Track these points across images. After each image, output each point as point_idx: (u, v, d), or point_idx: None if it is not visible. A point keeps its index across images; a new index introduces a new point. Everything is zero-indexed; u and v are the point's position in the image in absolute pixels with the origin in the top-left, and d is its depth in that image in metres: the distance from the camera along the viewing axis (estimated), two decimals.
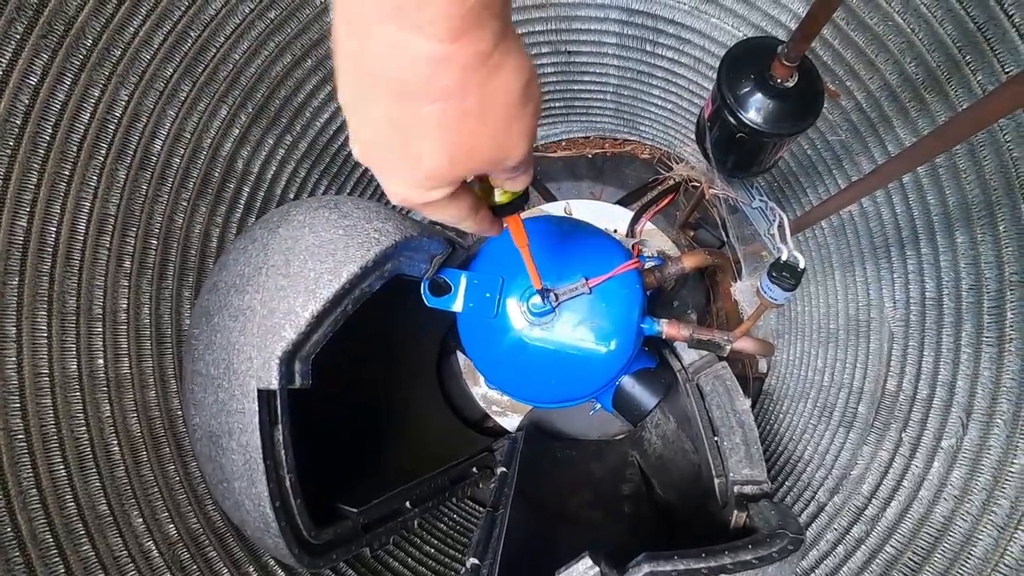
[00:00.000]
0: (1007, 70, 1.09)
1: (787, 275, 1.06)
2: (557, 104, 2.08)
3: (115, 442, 1.21)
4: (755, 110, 1.09)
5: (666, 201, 2.09)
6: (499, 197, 0.71)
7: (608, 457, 1.78)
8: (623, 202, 2.16)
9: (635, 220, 2.06)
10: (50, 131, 1.12)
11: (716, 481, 1.21)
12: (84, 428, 1.18)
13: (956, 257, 1.23)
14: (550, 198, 2.20)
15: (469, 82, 0.45)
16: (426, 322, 1.21)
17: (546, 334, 1.24)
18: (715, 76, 1.11)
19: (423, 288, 1.20)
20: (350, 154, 1.80)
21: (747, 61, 1.11)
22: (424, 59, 0.43)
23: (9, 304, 1.10)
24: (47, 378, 1.14)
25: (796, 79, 1.08)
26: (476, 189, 0.70)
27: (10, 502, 1.05)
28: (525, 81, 0.48)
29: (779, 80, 1.08)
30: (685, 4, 1.56)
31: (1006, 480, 1.08)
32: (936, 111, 1.23)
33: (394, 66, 0.44)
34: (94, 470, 1.17)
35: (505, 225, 0.77)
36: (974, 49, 1.14)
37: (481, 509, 1.86)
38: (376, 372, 1.76)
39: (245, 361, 1.03)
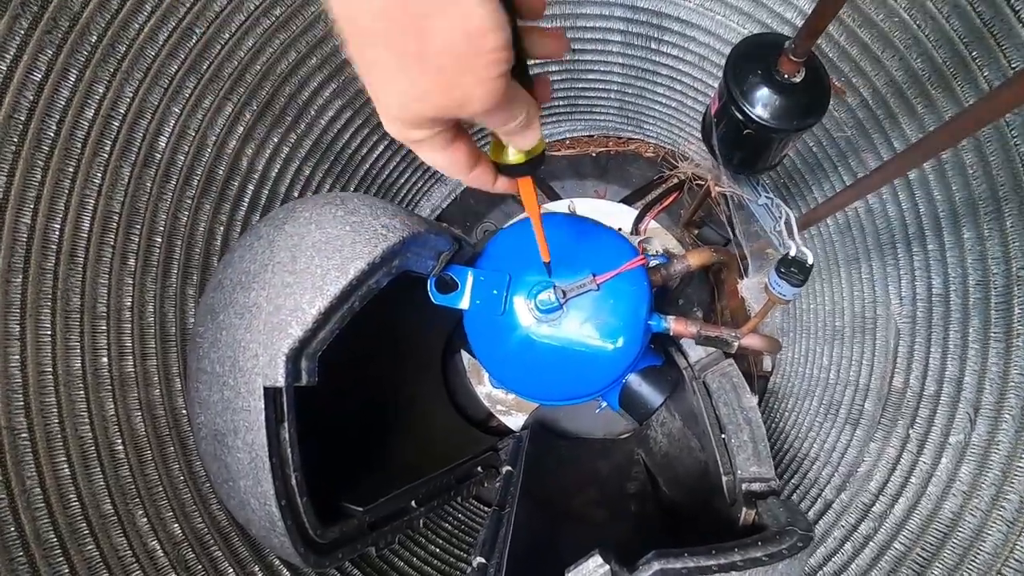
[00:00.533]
0: (1014, 65, 1.09)
1: (795, 271, 1.06)
2: (561, 103, 2.08)
3: (119, 441, 1.21)
4: (762, 106, 1.09)
5: (670, 199, 2.08)
6: (512, 157, 0.70)
7: (614, 455, 1.78)
8: (627, 200, 2.16)
9: (639, 218, 2.06)
10: (54, 128, 1.12)
11: (724, 479, 1.20)
12: (88, 426, 1.17)
13: (963, 253, 1.23)
14: (554, 196, 2.20)
15: (408, 26, 0.46)
16: (431, 320, 1.21)
17: (553, 331, 1.24)
18: (721, 73, 1.11)
19: (430, 285, 1.19)
20: (355, 151, 1.81)
21: (754, 57, 1.10)
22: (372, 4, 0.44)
23: (13, 302, 1.09)
24: (51, 376, 1.14)
25: (803, 75, 1.08)
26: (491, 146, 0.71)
27: (14, 501, 1.04)
28: (474, 27, 0.46)
29: (786, 76, 1.08)
30: (690, 2, 1.56)
31: (1015, 475, 1.07)
32: (943, 107, 1.22)
33: (349, 8, 0.46)
34: (98, 469, 1.16)
35: (507, 188, 0.76)
36: (981, 45, 1.13)
37: (486, 508, 1.85)
38: (381, 370, 1.76)
39: (251, 359, 1.02)
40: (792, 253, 1.07)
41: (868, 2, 1.28)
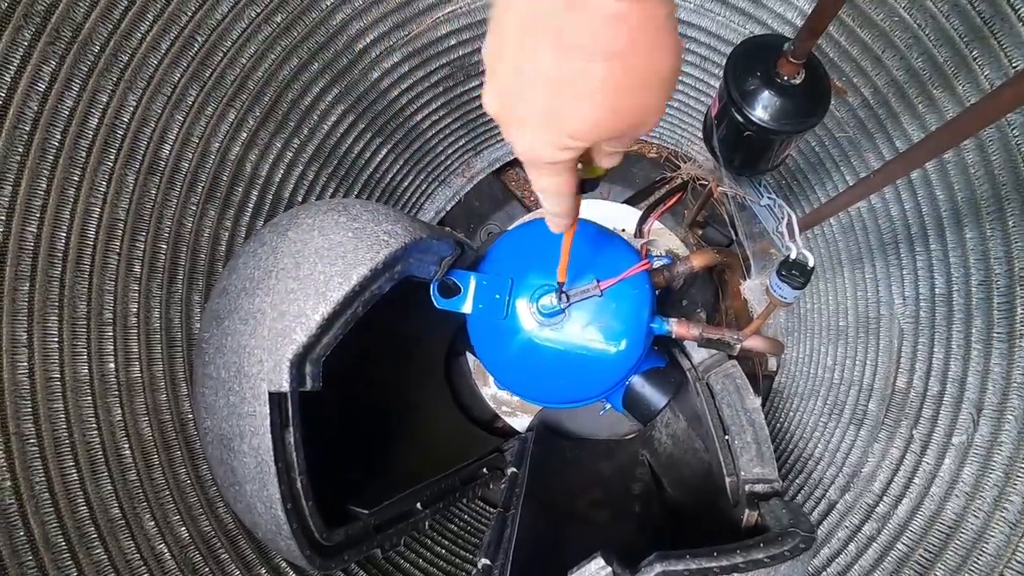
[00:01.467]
0: (1015, 64, 1.09)
1: (796, 273, 1.06)
2: None
3: (127, 446, 1.22)
4: (762, 107, 1.09)
5: (673, 200, 2.08)
6: (590, 174, 0.72)
7: (618, 456, 1.78)
8: (631, 201, 2.16)
9: (643, 219, 2.06)
10: (59, 137, 1.13)
11: (727, 480, 1.21)
12: (96, 432, 1.18)
13: (965, 253, 1.23)
14: None
15: (639, 43, 0.46)
16: (435, 323, 1.22)
17: (556, 334, 1.24)
18: (722, 74, 1.11)
19: (433, 290, 1.20)
20: (358, 156, 1.81)
21: (754, 58, 1.11)
22: (602, 15, 0.44)
23: (20, 309, 1.10)
24: (58, 383, 1.15)
25: (803, 76, 1.08)
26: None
27: (23, 506, 1.05)
28: (680, 53, 0.49)
29: (786, 77, 1.08)
30: (691, 2, 1.56)
31: (1017, 476, 1.07)
32: (944, 107, 1.22)
33: (569, 18, 0.45)
34: (106, 474, 1.18)
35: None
36: (981, 44, 1.13)
37: (491, 510, 1.86)
38: (385, 373, 1.77)
39: (256, 364, 1.03)
40: (793, 255, 1.07)
41: (868, 2, 1.28)
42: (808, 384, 1.75)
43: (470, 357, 2.06)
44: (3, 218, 1.07)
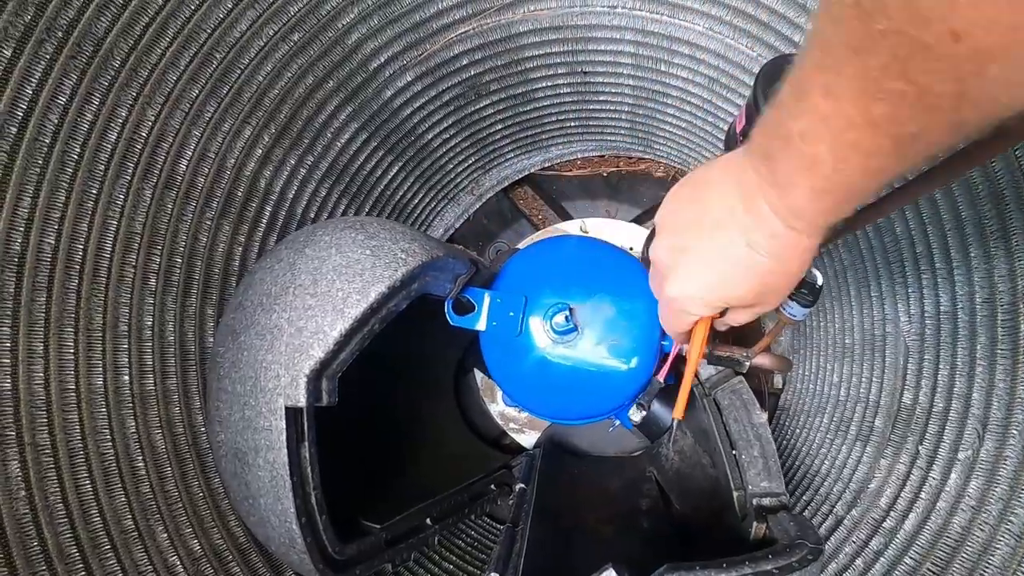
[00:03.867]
0: None
1: (805, 292, 1.07)
2: (573, 123, 2.10)
3: (140, 458, 1.22)
4: None
5: None
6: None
7: (626, 473, 1.78)
8: (638, 220, 2.17)
9: (650, 238, 2.07)
10: (78, 150, 1.14)
11: (735, 494, 1.22)
12: (110, 443, 1.19)
13: (970, 271, 1.24)
14: (565, 216, 2.22)
15: (786, 259, 0.65)
16: (445, 341, 1.23)
17: (569, 352, 1.26)
18: (729, 94, 1.12)
19: (447, 307, 1.21)
20: (370, 172, 1.83)
21: (782, 76, 1.12)
22: (771, 232, 0.62)
23: (37, 320, 1.11)
24: (73, 394, 1.16)
25: None
26: None
27: (37, 516, 1.06)
28: (796, 273, 0.69)
29: None
30: (699, 25, 1.59)
31: (1022, 489, 1.09)
32: None
33: (752, 226, 0.63)
34: (119, 485, 1.18)
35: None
36: None
37: (498, 526, 1.86)
38: (397, 390, 1.78)
39: (272, 379, 1.04)
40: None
41: None
42: (814, 401, 1.77)
43: (478, 374, 2.06)
44: (22, 229, 1.08)
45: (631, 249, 2.03)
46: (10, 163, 1.05)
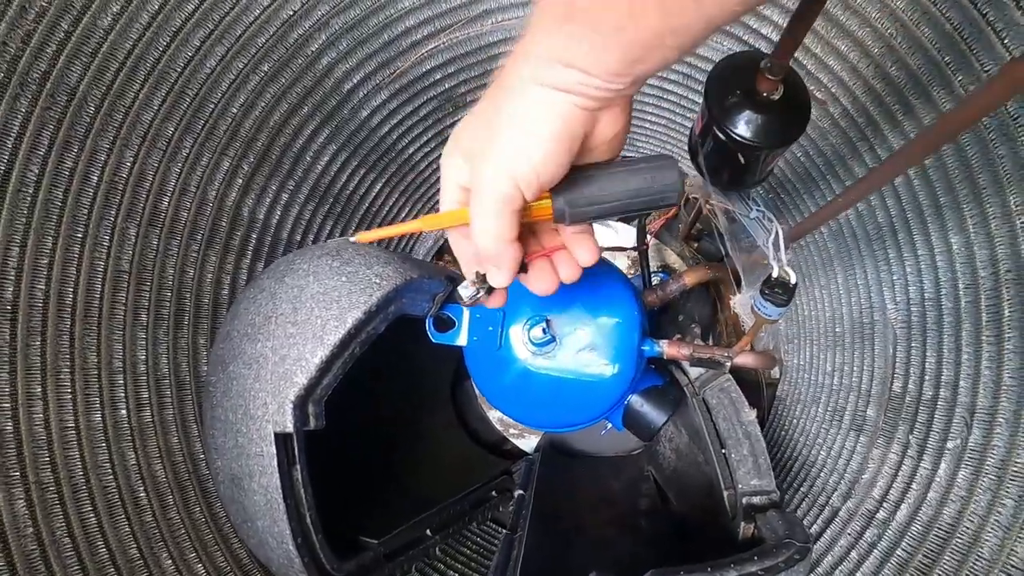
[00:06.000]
0: (986, 69, 1.10)
1: (779, 291, 1.08)
2: None
3: (142, 488, 1.26)
4: (744, 124, 1.10)
5: (667, 216, 2.10)
6: None
7: (624, 473, 1.80)
8: (626, 219, 2.17)
9: (640, 237, 2.07)
10: (61, 197, 1.17)
11: (725, 494, 1.23)
12: (111, 476, 1.23)
13: (951, 256, 1.24)
14: None
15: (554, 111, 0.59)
16: (439, 349, 1.24)
17: (549, 362, 1.27)
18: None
19: (427, 325, 1.23)
20: (353, 191, 1.86)
21: (732, 77, 1.12)
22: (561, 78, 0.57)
23: (33, 364, 1.15)
24: (73, 431, 1.19)
25: (782, 91, 1.09)
26: None
27: (44, 551, 1.10)
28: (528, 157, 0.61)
29: (765, 94, 1.09)
30: None
31: (1010, 480, 1.08)
32: (921, 114, 1.24)
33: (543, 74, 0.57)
34: (123, 516, 1.22)
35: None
36: (953, 50, 1.15)
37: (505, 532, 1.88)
38: (393, 401, 1.80)
39: (261, 407, 1.06)
40: (775, 273, 1.08)
41: (840, 13, 1.30)
42: (809, 391, 1.76)
43: None
44: (12, 278, 1.12)
45: (622, 248, 2.04)
46: None
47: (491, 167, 0.61)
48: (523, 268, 0.78)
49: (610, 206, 0.68)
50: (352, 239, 0.78)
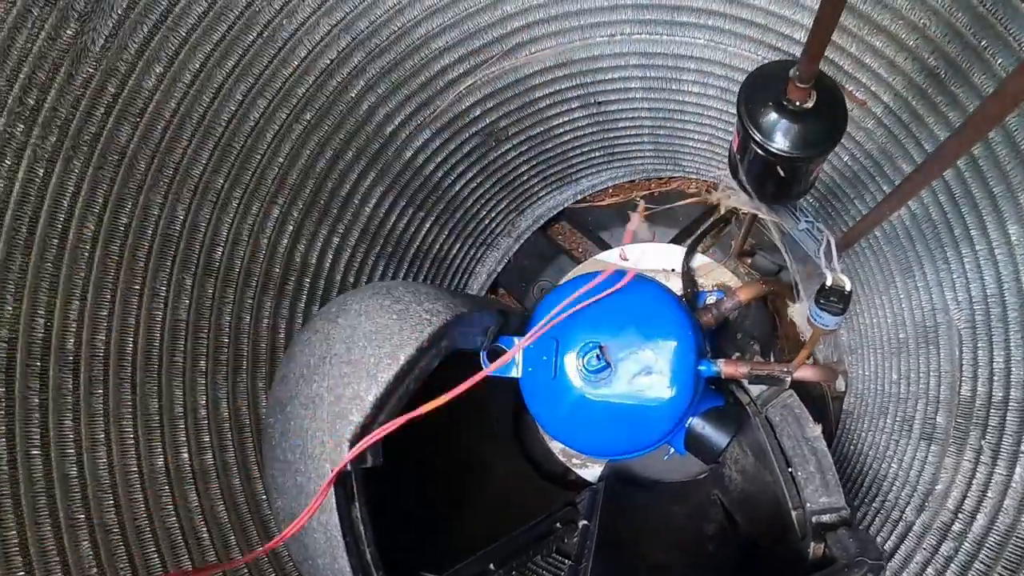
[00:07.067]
0: None
1: (834, 299, 1.05)
2: (597, 153, 2.13)
3: (204, 529, 1.29)
4: (780, 137, 1.07)
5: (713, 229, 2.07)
6: None
7: (690, 498, 1.76)
8: (676, 239, 2.16)
9: (689, 255, 2.04)
10: (117, 251, 1.23)
11: (794, 513, 1.19)
12: (174, 518, 1.26)
13: (1011, 249, 1.19)
14: (604, 246, 2.23)
15: None
16: (499, 382, 1.23)
17: (605, 389, 1.25)
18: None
19: (482, 359, 1.23)
20: (403, 232, 1.90)
21: (763, 89, 1.09)
22: None
23: (96, 411, 1.19)
24: (136, 475, 1.23)
25: (814, 98, 1.06)
26: None
27: None
28: None
29: (797, 103, 1.06)
30: (702, 38, 1.59)
31: None
32: (964, 101, 1.20)
33: None
34: (186, 555, 1.25)
35: None
36: (989, 32, 1.11)
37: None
38: (454, 434, 1.79)
39: (318, 446, 1.07)
40: (828, 282, 1.05)
41: (871, 8, 1.27)
42: (877, 402, 1.71)
43: None
44: (74, 330, 1.17)
45: (672, 271, 2.01)
46: (55, 272, 1.14)
47: None
48: None
49: None
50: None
